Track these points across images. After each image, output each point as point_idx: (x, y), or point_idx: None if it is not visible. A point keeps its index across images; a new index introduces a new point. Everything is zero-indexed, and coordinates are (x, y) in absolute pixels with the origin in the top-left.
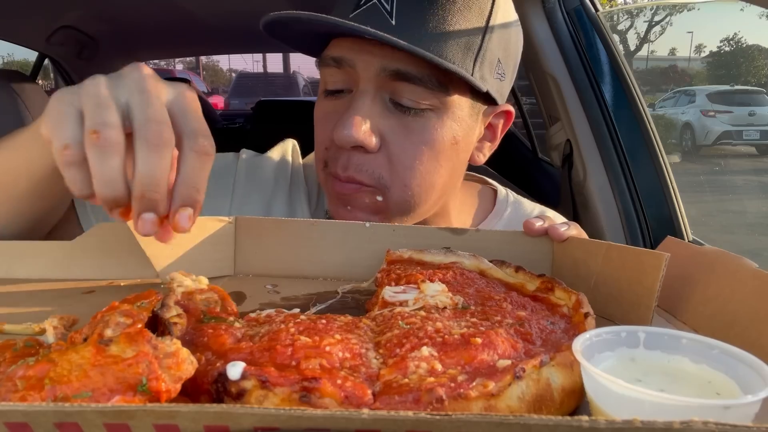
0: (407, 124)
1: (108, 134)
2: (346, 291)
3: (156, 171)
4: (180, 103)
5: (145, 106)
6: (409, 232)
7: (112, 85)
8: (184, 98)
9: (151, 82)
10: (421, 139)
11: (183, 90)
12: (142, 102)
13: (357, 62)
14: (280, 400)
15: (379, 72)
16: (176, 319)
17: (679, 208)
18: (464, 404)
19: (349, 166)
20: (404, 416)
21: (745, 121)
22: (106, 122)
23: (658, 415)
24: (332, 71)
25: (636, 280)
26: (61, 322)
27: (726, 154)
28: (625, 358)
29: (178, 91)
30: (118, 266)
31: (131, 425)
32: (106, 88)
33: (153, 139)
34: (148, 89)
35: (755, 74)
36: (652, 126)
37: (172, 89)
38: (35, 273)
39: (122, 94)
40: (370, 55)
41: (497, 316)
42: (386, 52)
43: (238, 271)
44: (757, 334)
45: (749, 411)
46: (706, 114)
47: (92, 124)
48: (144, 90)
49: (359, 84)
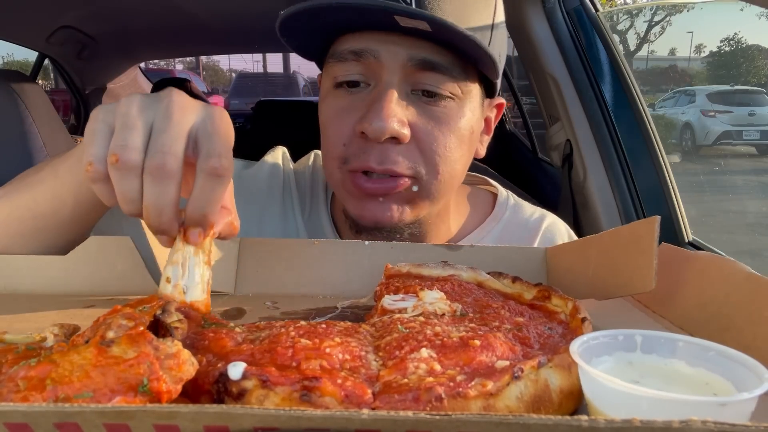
0: (432, 113)
1: (127, 157)
2: (346, 306)
3: (158, 200)
4: (206, 127)
5: (160, 133)
6: (407, 248)
7: (144, 106)
8: (211, 121)
9: (177, 108)
10: (447, 127)
11: (212, 112)
12: (160, 129)
13: (382, 53)
14: (281, 399)
15: (406, 62)
16: (177, 323)
17: (679, 208)
18: (463, 403)
19: (385, 158)
20: (404, 416)
21: (745, 121)
22: (128, 145)
23: (655, 413)
24: (349, 65)
25: (633, 248)
26: (62, 330)
27: (726, 154)
28: (622, 361)
29: (207, 113)
30: (115, 282)
31: (131, 425)
32: (138, 110)
33: (155, 170)
34: (172, 115)
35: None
36: (652, 126)
37: (202, 112)
38: (34, 287)
39: (150, 117)
40: (396, 45)
41: (495, 322)
42: (412, 42)
43: (239, 291)
44: (753, 336)
45: (746, 409)
46: (706, 114)
47: (114, 146)
48: (168, 116)
49: (383, 75)
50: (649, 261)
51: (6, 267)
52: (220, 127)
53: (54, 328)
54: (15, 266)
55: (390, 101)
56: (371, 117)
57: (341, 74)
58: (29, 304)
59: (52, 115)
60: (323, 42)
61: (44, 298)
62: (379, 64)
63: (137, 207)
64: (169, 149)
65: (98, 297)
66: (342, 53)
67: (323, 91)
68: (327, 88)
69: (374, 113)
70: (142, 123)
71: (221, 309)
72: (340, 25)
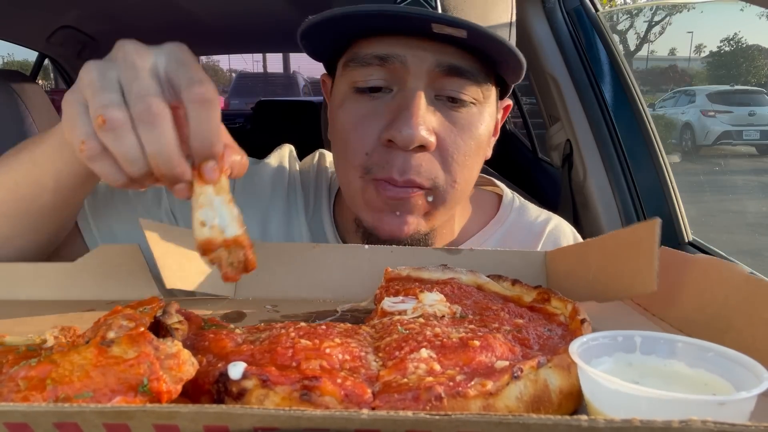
0: (455, 119)
1: (111, 114)
2: (346, 309)
3: (159, 146)
4: (171, 62)
5: (131, 82)
6: (406, 252)
7: (102, 68)
8: (173, 55)
9: (134, 54)
10: (469, 133)
11: (171, 47)
12: (129, 78)
13: (409, 58)
14: (281, 399)
15: (433, 67)
16: (178, 325)
17: (679, 208)
18: (463, 403)
19: (407, 169)
20: (403, 416)
21: (745, 121)
22: (106, 104)
23: (654, 412)
24: (372, 70)
25: (634, 250)
26: (62, 333)
27: (726, 154)
28: (621, 362)
29: (166, 51)
30: (118, 287)
31: (131, 425)
32: (98, 73)
33: (144, 116)
34: (133, 62)
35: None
36: (652, 126)
37: (160, 51)
38: (36, 294)
39: (114, 74)
40: (423, 50)
41: (495, 324)
42: (438, 47)
43: (239, 295)
44: (752, 338)
45: (744, 408)
46: (706, 114)
47: (94, 111)
48: (130, 65)
49: (408, 80)
50: (650, 263)
51: (7, 273)
52: (186, 56)
53: (54, 330)
54: (17, 273)
55: (419, 108)
56: (400, 125)
57: (363, 79)
58: (30, 309)
59: (52, 115)
60: (340, 44)
61: (46, 302)
62: (404, 69)
63: (143, 163)
64: (147, 91)
65: (100, 300)
66: (365, 57)
67: (339, 96)
68: (344, 92)
69: (403, 121)
70: (108, 82)
71: (221, 312)
72: (368, 29)
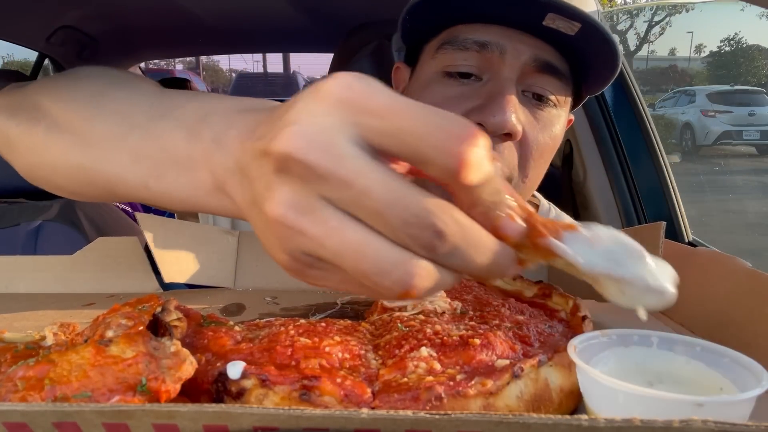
0: (537, 116)
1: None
2: (345, 302)
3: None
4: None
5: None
6: None
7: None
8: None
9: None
10: (549, 132)
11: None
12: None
13: (508, 48)
14: (280, 398)
15: (530, 61)
16: (177, 322)
17: (679, 208)
18: (463, 402)
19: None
20: (403, 416)
21: (745, 121)
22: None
23: (631, 409)
24: (468, 55)
25: None
26: (61, 329)
27: (726, 154)
28: (624, 361)
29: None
30: (117, 280)
31: (130, 425)
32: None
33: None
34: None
35: (755, 74)
36: (652, 126)
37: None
38: (35, 287)
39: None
40: (523, 43)
41: (495, 320)
42: (538, 43)
43: (238, 285)
44: (753, 333)
45: (742, 411)
46: (706, 114)
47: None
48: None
49: (502, 71)
50: None
51: (6, 266)
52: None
53: (53, 327)
54: (16, 266)
55: (512, 95)
56: (494, 108)
57: (456, 63)
58: (29, 303)
59: None
60: (438, 27)
61: (45, 296)
62: (501, 60)
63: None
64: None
65: (99, 294)
66: (464, 42)
67: (425, 78)
68: (432, 75)
69: (497, 105)
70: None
71: (221, 305)
72: (474, 15)
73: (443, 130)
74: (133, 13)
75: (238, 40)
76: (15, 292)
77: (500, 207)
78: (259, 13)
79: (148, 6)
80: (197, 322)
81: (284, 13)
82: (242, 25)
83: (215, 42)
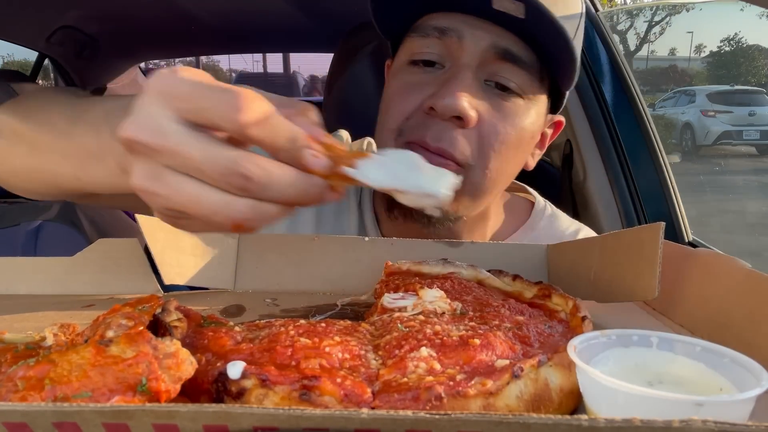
0: (499, 106)
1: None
2: (345, 303)
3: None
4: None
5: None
6: (407, 245)
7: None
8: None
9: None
10: (511, 123)
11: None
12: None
13: (466, 34)
14: (280, 398)
15: (488, 48)
16: (177, 323)
17: (679, 208)
18: (463, 402)
19: (442, 137)
20: (403, 416)
21: (745, 121)
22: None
23: (630, 409)
24: (430, 42)
25: (636, 253)
26: (62, 330)
27: (726, 154)
28: (624, 361)
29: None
30: (117, 282)
31: (130, 425)
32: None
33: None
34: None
35: (755, 74)
36: (652, 126)
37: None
38: (35, 289)
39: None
40: (481, 30)
41: (495, 321)
42: (497, 30)
43: (239, 287)
44: (753, 334)
45: (741, 411)
46: (706, 114)
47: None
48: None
49: (461, 58)
50: (653, 268)
51: (6, 267)
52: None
53: (53, 328)
54: (15, 267)
55: (464, 80)
56: (443, 93)
57: (419, 51)
58: (29, 304)
59: None
60: (406, 21)
61: (45, 298)
62: (459, 46)
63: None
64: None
65: (99, 295)
66: (425, 28)
67: (395, 67)
68: (400, 64)
69: (447, 90)
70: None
71: (221, 306)
72: (433, 3)
73: (224, 102)
74: (132, 13)
75: (238, 40)
76: (15, 294)
77: (301, 150)
78: (259, 13)
79: (148, 6)
80: (197, 323)
81: (284, 13)
82: (242, 25)
83: (215, 42)
